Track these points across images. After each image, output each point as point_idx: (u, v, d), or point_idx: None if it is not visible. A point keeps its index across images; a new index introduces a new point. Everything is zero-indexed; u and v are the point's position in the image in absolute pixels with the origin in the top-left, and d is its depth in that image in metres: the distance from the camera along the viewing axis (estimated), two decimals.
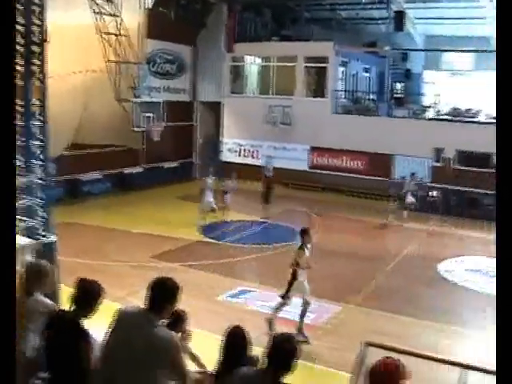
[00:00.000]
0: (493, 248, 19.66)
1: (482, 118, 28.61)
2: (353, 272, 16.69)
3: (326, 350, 11.12)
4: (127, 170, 26.95)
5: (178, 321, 6.96)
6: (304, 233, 12.22)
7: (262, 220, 20.60)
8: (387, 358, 4.59)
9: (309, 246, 12.22)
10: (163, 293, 4.84)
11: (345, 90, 32.02)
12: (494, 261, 18.52)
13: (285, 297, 11.96)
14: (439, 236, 21.14)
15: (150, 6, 26.59)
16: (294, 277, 11.93)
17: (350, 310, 13.75)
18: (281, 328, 10.71)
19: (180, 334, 6.96)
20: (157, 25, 26.63)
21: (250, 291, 14.44)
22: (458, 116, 28.86)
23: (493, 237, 21.75)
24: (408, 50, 33.22)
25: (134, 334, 4.71)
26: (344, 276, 16.29)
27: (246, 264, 17.27)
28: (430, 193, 25.03)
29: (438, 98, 32.79)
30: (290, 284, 11.94)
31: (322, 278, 15.84)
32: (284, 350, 4.57)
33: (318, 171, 28.67)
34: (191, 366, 7.02)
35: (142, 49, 25.81)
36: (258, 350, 5.10)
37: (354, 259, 17.83)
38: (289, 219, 22.25)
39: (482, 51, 31.03)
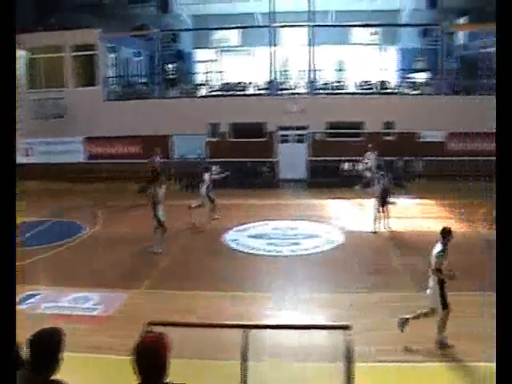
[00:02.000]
0: (274, 211, 20.69)
1: (251, 91, 29.81)
2: (140, 257, 16.50)
3: (117, 339, 10.90)
4: None
5: None
6: (447, 232, 10.32)
7: (42, 219, 19.72)
8: (148, 332, 4.57)
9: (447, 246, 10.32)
10: None
11: (117, 76, 31.59)
12: (273, 223, 19.55)
13: (446, 308, 10.13)
14: (221, 208, 21.52)
15: None
16: (443, 285, 10.15)
17: (140, 294, 13.51)
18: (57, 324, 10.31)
19: None
20: None
21: (36, 295, 13.69)
22: (229, 90, 29.77)
23: (273, 201, 22.95)
24: (175, 30, 33.50)
25: None
26: (131, 263, 16.04)
27: (30, 267, 16.40)
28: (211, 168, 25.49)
29: (209, 76, 33.47)
30: (443, 296, 10.11)
31: (108, 268, 15.57)
32: (44, 347, 4.38)
33: (97, 161, 28.11)
34: None
35: None
36: None
37: (140, 245, 17.59)
38: (71, 214, 21.54)
39: (250, 27, 32.21)
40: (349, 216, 20.94)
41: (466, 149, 26.92)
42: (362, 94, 29.01)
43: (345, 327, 6.72)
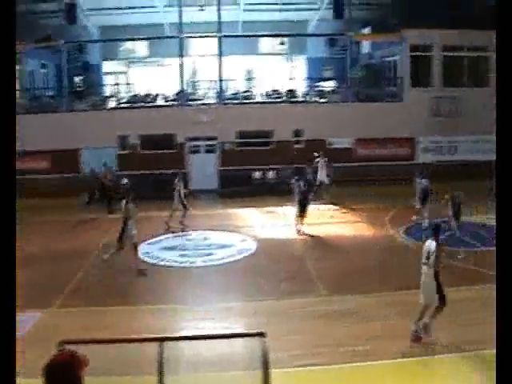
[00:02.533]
0: (189, 222, 20.53)
1: (160, 102, 29.66)
2: (53, 274, 15.81)
3: (29, 361, 10.46)
4: None
5: None
6: (438, 228, 10.94)
7: None
8: (60, 350, 4.50)
9: None
10: None
11: (22, 89, 30.67)
12: (186, 235, 19.50)
13: (443, 302, 10.42)
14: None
15: None
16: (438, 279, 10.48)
17: (52, 314, 13.03)
18: None
19: None
20: None
21: None
22: (138, 102, 29.51)
23: (189, 212, 22.76)
24: (81, 41, 32.81)
25: None
26: (41, 281, 15.24)
27: None
28: (122, 181, 25.03)
29: (118, 87, 33.02)
30: (440, 286, 10.43)
31: (18, 287, 14.98)
32: None
33: None
34: None
35: None
36: None
37: (54, 261, 16.93)
38: None
39: (158, 38, 32.04)
40: (261, 224, 21.15)
41: (374, 154, 27.74)
42: (271, 102, 29.42)
43: (260, 334, 6.80)
